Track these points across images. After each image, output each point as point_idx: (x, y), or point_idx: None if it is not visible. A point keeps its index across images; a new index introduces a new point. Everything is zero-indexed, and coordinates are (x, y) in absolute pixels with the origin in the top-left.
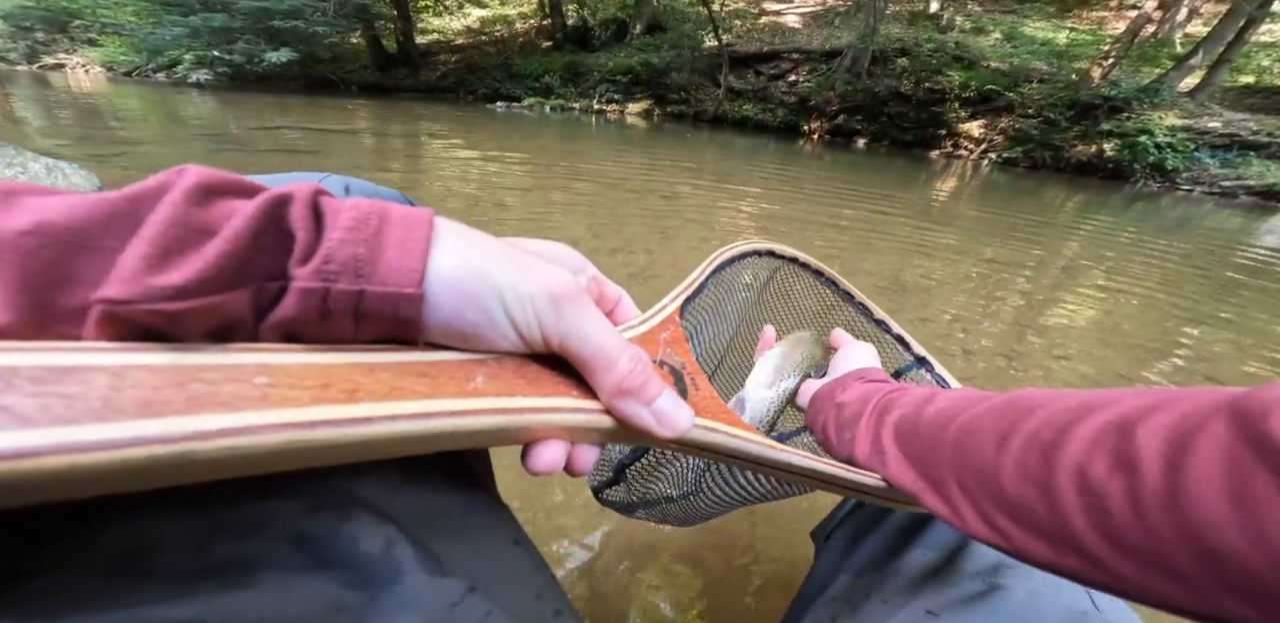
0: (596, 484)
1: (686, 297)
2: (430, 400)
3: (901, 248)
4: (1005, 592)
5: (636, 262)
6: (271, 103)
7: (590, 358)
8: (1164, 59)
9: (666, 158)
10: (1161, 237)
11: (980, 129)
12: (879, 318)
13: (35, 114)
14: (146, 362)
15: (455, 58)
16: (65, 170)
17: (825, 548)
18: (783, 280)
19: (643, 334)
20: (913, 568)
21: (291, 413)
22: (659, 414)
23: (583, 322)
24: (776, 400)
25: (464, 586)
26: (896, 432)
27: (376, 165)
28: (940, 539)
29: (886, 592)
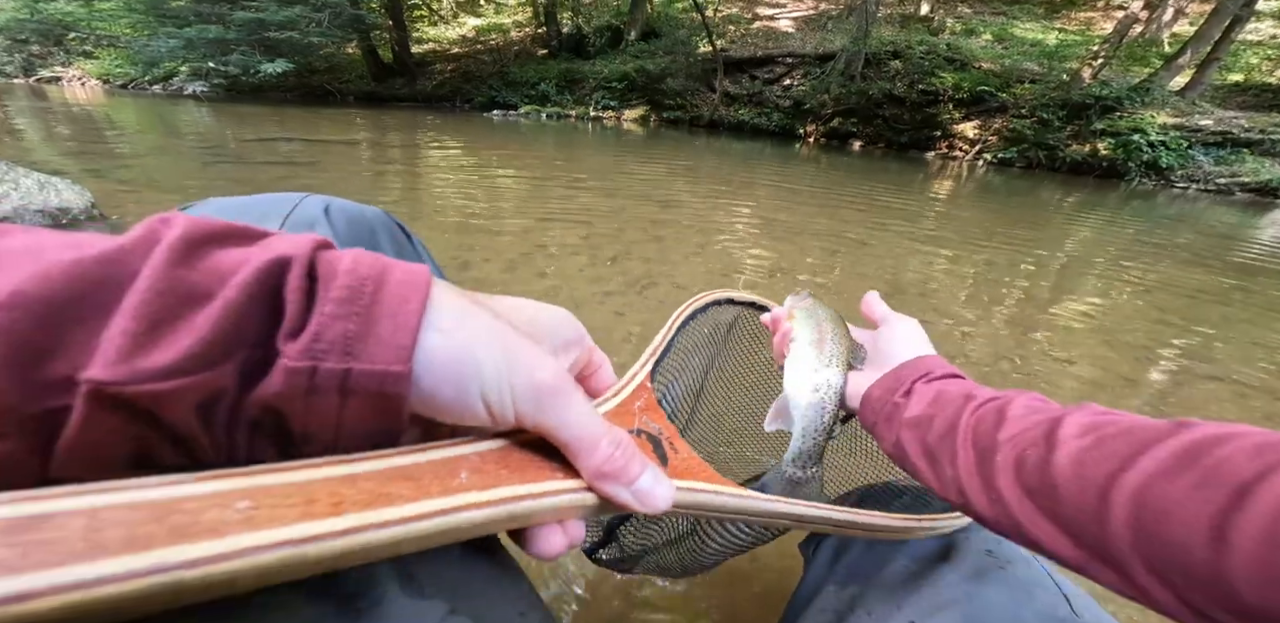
0: (589, 546)
1: (655, 360)
2: (416, 503)
3: (899, 251)
4: (984, 600)
5: (633, 270)
6: (268, 114)
7: (571, 443)
8: (1153, 58)
9: (663, 164)
10: (1159, 234)
11: (974, 130)
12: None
13: (32, 128)
14: (123, 500)
15: (451, 67)
16: (58, 186)
17: (813, 560)
18: (743, 324)
19: (618, 406)
20: (895, 578)
21: (277, 533)
22: (639, 493)
23: (564, 411)
24: (829, 404)
25: (445, 608)
26: (1022, 484)
27: (374, 177)
28: (921, 550)
29: (870, 602)
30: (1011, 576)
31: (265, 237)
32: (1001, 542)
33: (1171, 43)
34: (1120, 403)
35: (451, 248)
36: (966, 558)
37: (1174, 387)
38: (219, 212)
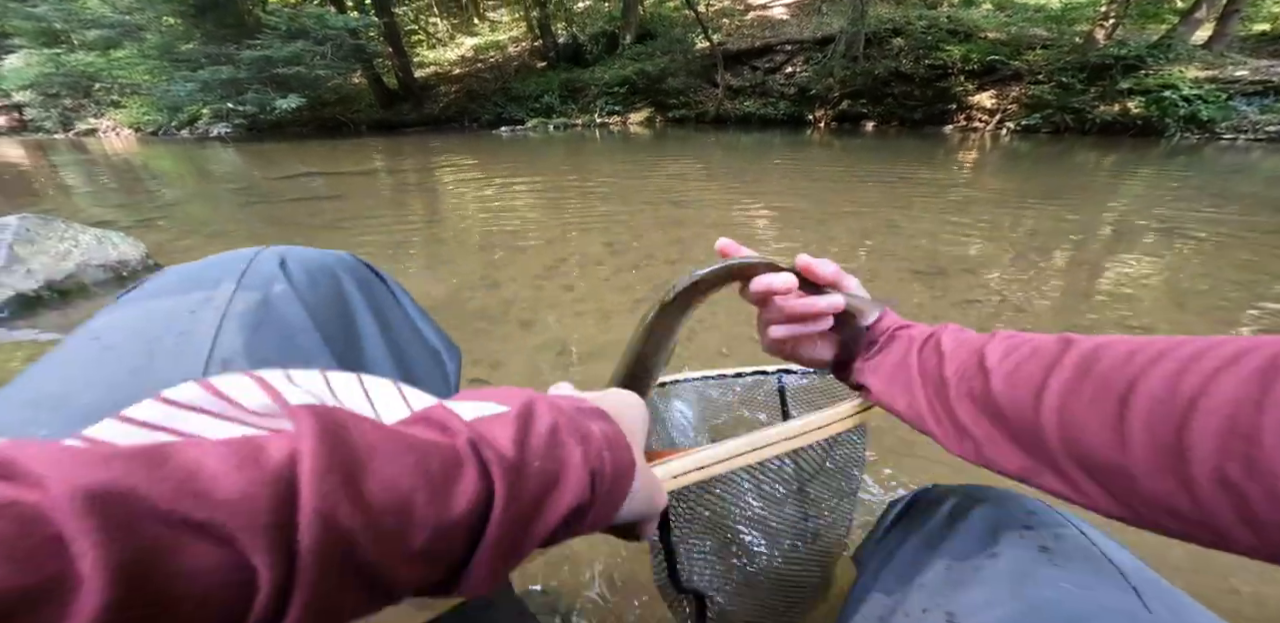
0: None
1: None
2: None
3: (931, 229)
4: (1033, 599)
5: (659, 274)
6: (289, 150)
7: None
8: (1166, 15)
9: (674, 164)
10: (1215, 187)
11: (992, 100)
12: (732, 373)
13: (79, 181)
14: None
15: (455, 87)
16: (114, 240)
17: (864, 571)
18: (666, 402)
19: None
20: (937, 580)
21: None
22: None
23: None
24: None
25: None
26: (978, 410)
27: (395, 205)
28: (967, 549)
29: (909, 604)
30: (1068, 572)
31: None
32: (1061, 537)
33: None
34: None
35: (480, 268)
36: (1014, 556)
37: None
38: (178, 282)
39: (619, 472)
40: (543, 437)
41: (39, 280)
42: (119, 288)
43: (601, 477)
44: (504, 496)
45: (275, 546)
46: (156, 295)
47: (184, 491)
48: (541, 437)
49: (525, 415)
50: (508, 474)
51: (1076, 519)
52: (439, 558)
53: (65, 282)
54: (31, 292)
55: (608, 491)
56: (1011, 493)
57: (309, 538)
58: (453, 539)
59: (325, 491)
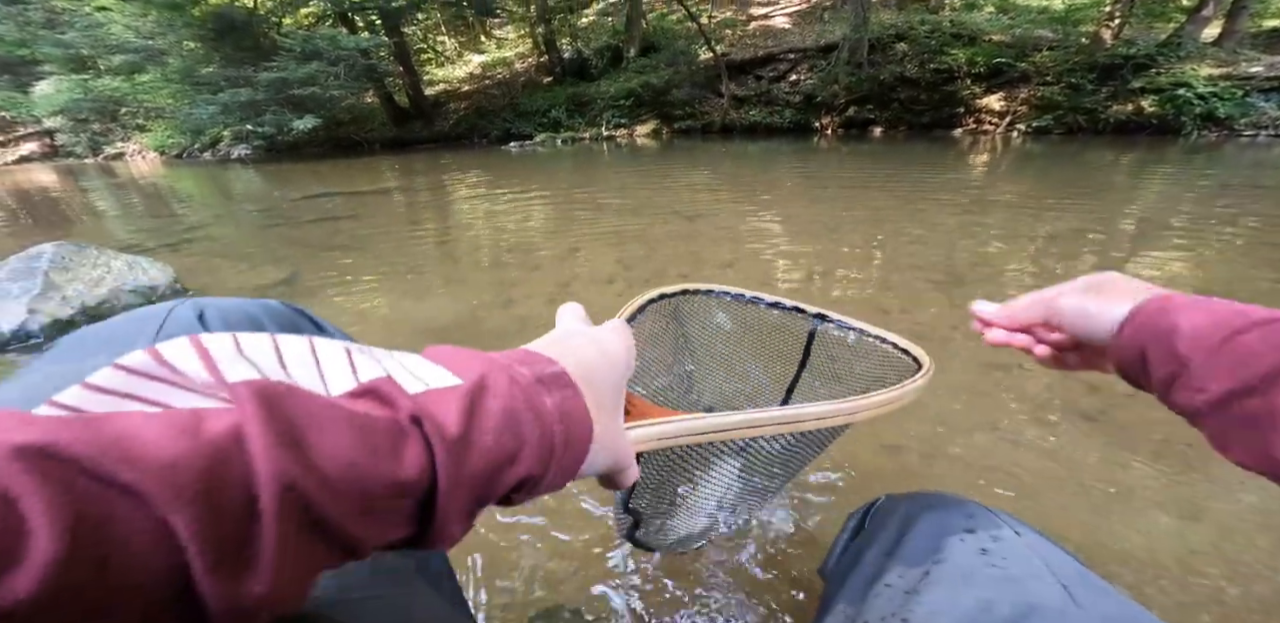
0: (626, 532)
1: None
2: None
3: (946, 235)
4: (976, 600)
5: None
6: (306, 171)
7: (614, 483)
8: (1173, 13)
9: (683, 176)
10: (1238, 184)
11: (1000, 102)
12: (770, 301)
13: (109, 205)
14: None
15: (464, 104)
16: (144, 265)
17: (830, 582)
18: (688, 312)
19: None
20: (895, 588)
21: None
22: (622, 483)
23: (620, 478)
24: None
25: None
26: None
27: (409, 224)
28: (916, 556)
29: (870, 614)
30: (1006, 572)
31: (501, 425)
32: (998, 539)
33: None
34: None
35: (494, 286)
36: (958, 560)
37: None
38: (89, 340)
39: (573, 442)
40: (494, 416)
41: (74, 307)
42: None
43: (553, 450)
44: (448, 471)
45: (206, 510)
46: (73, 359)
47: (115, 454)
48: (492, 416)
49: (476, 392)
50: (451, 451)
51: (1013, 520)
52: (396, 517)
53: (99, 307)
54: (67, 317)
55: (561, 461)
56: (954, 497)
57: (269, 499)
58: (406, 500)
59: (275, 456)
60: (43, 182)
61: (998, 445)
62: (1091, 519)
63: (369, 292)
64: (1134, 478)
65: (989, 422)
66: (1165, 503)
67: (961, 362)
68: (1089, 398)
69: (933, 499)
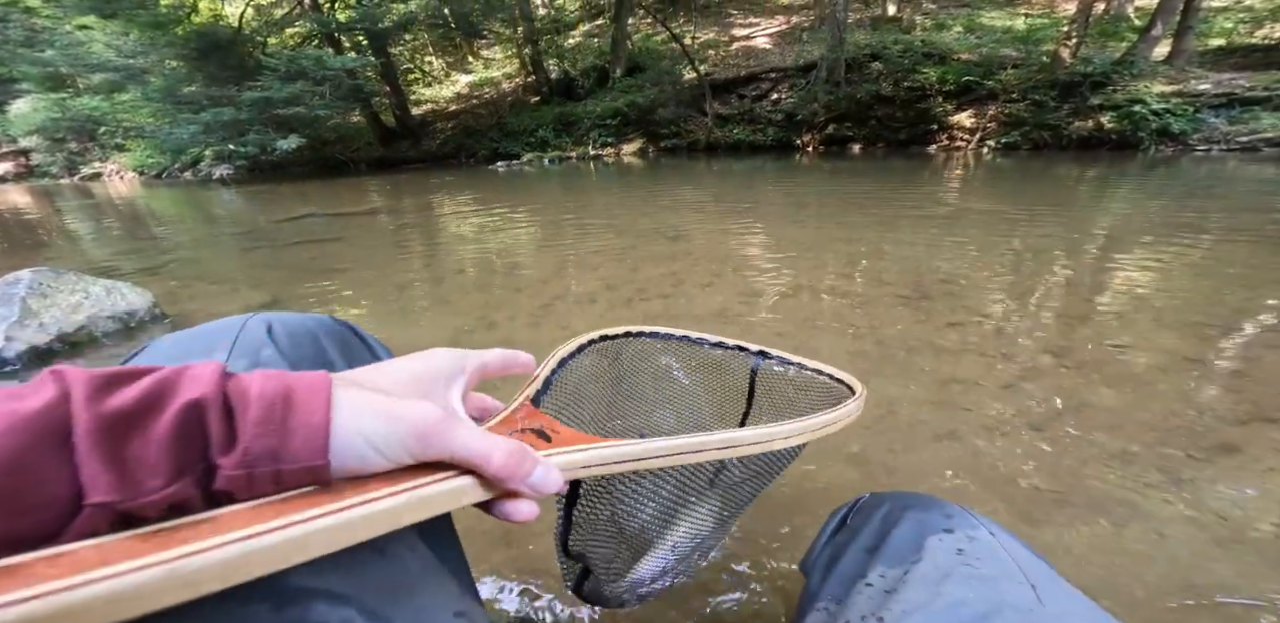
0: (573, 586)
1: (536, 390)
2: (337, 501)
3: (919, 252)
4: (948, 598)
5: (652, 309)
6: (290, 192)
7: (467, 462)
8: (1126, 33)
9: (667, 195)
10: (1195, 199)
11: (971, 119)
12: (714, 340)
13: (86, 229)
14: (122, 538)
15: (451, 125)
16: (123, 291)
17: (810, 577)
18: (631, 352)
19: (503, 419)
20: (875, 586)
21: (230, 535)
22: (534, 484)
23: (450, 441)
24: None
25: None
26: None
27: (394, 246)
28: (897, 555)
29: (851, 612)
30: (979, 571)
31: (162, 370)
32: (974, 539)
33: (1138, 16)
34: (1186, 386)
35: (477, 308)
36: (935, 559)
37: (1246, 363)
38: (170, 347)
39: (291, 394)
40: (153, 374)
41: (51, 333)
42: (127, 338)
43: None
44: (84, 403)
45: None
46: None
47: None
48: (150, 373)
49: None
50: (91, 384)
51: (988, 521)
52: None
53: (77, 333)
54: (44, 344)
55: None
56: (935, 499)
57: None
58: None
59: None
60: (17, 203)
61: (955, 453)
62: (1024, 526)
63: (351, 317)
64: (1071, 483)
65: (948, 431)
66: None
67: (925, 375)
68: (1039, 409)
69: (914, 499)
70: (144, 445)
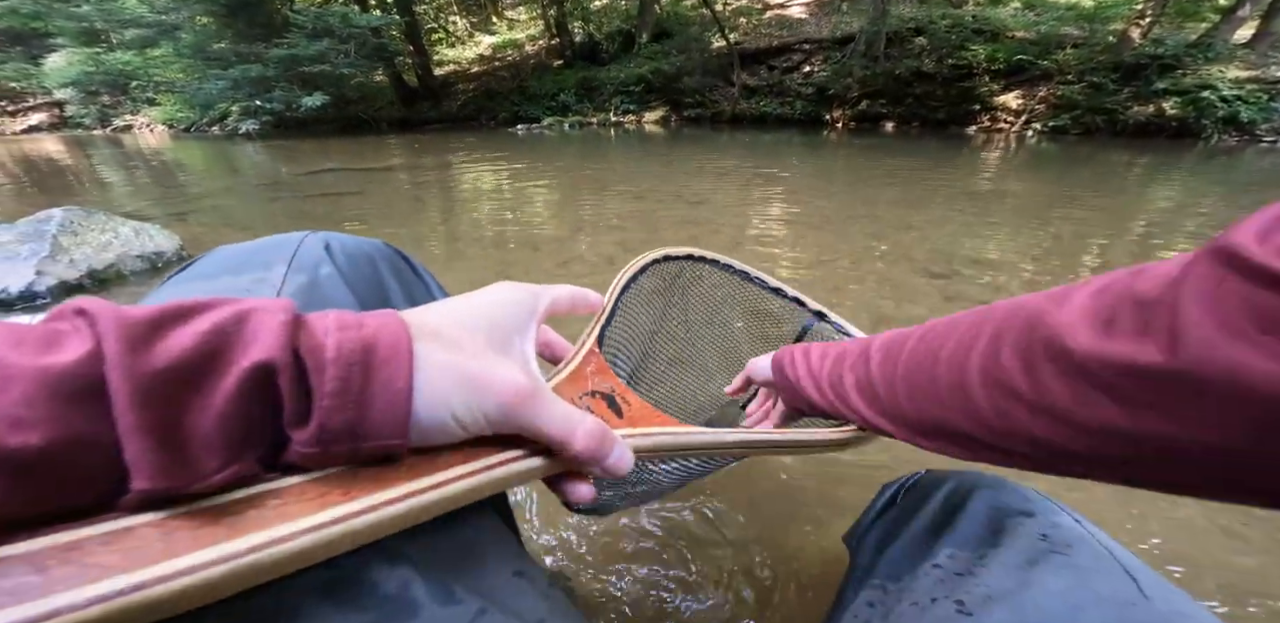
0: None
1: (602, 326)
2: (410, 482)
3: (949, 230)
4: (1042, 586)
5: None
6: (313, 147)
7: (547, 441)
8: (1207, 13)
9: (690, 163)
10: (1254, 191)
11: (1018, 100)
12: (774, 286)
13: (116, 176)
14: (182, 513)
15: (473, 86)
16: (151, 232)
17: (858, 553)
18: (688, 278)
19: (571, 373)
20: (944, 568)
21: (304, 521)
22: (608, 467)
23: (534, 418)
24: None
25: (475, 608)
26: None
27: (413, 200)
28: (969, 538)
29: (917, 593)
30: (1071, 560)
31: (216, 311)
32: (1058, 526)
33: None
34: None
35: (493, 265)
36: (1018, 544)
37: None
38: (227, 259)
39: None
40: (209, 317)
41: (81, 270)
42: (154, 277)
43: (313, 346)
44: (121, 357)
45: None
46: (212, 276)
47: None
48: (206, 317)
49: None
50: (127, 332)
51: (1068, 508)
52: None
53: (105, 271)
54: (74, 280)
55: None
56: (1005, 480)
57: None
58: (74, 404)
59: None
60: (50, 151)
61: None
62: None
63: None
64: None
65: None
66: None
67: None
68: None
69: (982, 479)
70: (200, 418)
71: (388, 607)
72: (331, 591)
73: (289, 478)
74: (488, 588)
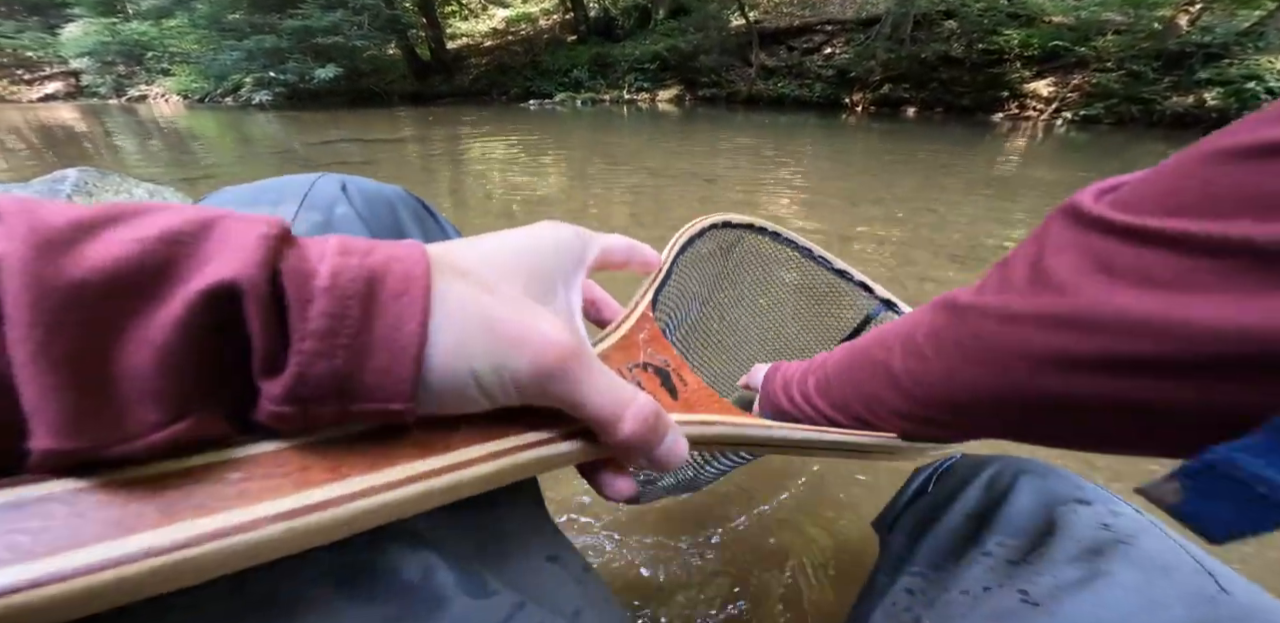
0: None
1: (657, 288)
2: (416, 462)
3: (971, 214)
4: (1113, 578)
5: None
6: (325, 118)
7: (588, 420)
8: (1265, 0)
9: (703, 142)
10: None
11: (1050, 88)
12: (840, 268)
13: (130, 143)
14: (105, 481)
15: (485, 60)
16: (165, 194)
17: (890, 539)
18: (745, 249)
19: (621, 339)
20: (995, 556)
21: (273, 505)
22: (656, 458)
23: (575, 388)
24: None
25: (511, 601)
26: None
27: (423, 170)
28: (1019, 525)
29: (967, 582)
30: (1139, 551)
31: (170, 215)
32: (1119, 514)
33: None
34: None
35: None
36: (1077, 533)
37: None
38: (233, 198)
39: (358, 271)
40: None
41: None
42: None
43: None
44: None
45: None
46: None
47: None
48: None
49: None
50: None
51: (1122, 499)
52: None
53: None
54: None
55: (334, 296)
56: (1051, 466)
57: None
58: None
59: None
60: (66, 119)
61: None
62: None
63: None
64: None
65: None
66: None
67: None
68: None
69: (1027, 464)
70: (133, 354)
71: (409, 598)
72: (342, 578)
73: (263, 444)
74: (521, 576)
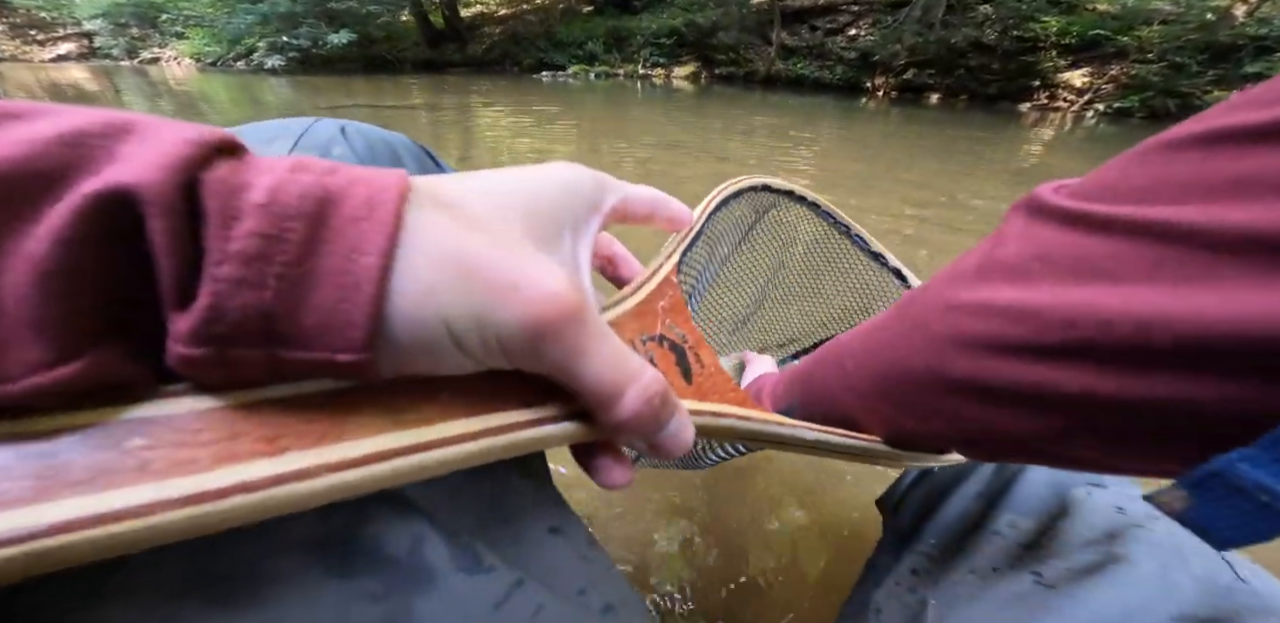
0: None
1: (684, 249)
2: (387, 435)
3: (993, 200)
4: (1129, 563)
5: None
6: (337, 84)
7: (584, 394)
8: None
9: (718, 120)
10: None
11: (1084, 78)
12: (876, 250)
13: (141, 104)
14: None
15: (499, 29)
16: None
17: (895, 517)
18: (777, 216)
19: (639, 305)
20: (1006, 537)
21: (178, 484)
22: (657, 444)
23: (571, 352)
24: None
25: (509, 579)
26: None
27: (433, 138)
28: (1030, 505)
29: (976, 562)
30: (1155, 536)
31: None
32: (1135, 498)
33: None
34: None
35: None
36: (1093, 516)
37: None
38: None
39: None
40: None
41: None
42: None
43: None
44: None
45: None
46: None
47: None
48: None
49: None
50: None
51: (1131, 481)
52: None
53: None
54: None
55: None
56: None
57: None
58: None
59: None
60: (78, 79)
61: None
62: None
63: None
64: None
65: None
66: None
67: None
68: None
69: None
70: (7, 272)
71: (394, 573)
72: (315, 548)
73: (184, 400)
74: (520, 550)
